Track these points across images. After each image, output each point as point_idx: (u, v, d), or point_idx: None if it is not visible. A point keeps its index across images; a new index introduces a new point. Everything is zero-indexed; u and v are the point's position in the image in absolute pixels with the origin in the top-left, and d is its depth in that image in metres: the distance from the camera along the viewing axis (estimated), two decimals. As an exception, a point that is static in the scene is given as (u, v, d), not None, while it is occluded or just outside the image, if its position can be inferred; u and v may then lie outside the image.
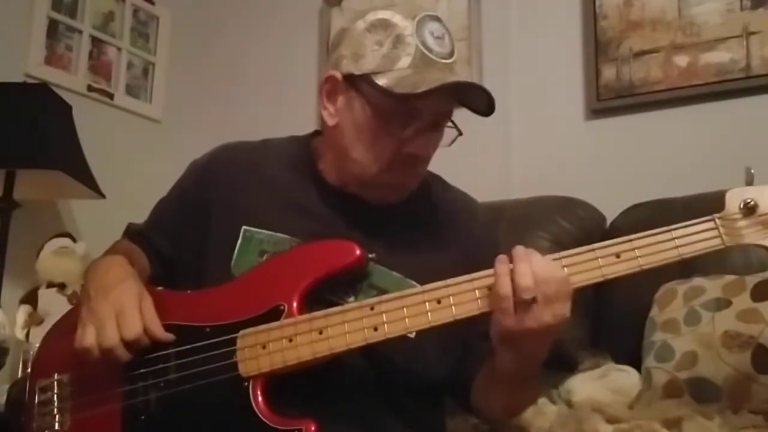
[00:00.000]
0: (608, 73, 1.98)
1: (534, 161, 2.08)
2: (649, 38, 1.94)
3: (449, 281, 0.91)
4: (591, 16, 2.03)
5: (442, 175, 1.23)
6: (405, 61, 0.98)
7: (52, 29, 2.39)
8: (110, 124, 2.54)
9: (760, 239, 0.86)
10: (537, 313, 0.84)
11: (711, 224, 0.87)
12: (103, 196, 2.14)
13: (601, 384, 1.38)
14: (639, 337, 1.45)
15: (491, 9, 2.22)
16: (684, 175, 1.76)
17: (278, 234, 1.07)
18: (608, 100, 1.98)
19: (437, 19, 1.02)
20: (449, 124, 1.05)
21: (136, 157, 2.55)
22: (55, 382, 1.06)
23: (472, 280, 0.90)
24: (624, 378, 1.39)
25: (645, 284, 1.52)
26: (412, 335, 0.94)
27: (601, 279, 0.87)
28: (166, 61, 2.78)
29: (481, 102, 1.01)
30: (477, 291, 0.89)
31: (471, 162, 2.10)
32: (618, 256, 0.87)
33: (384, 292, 0.98)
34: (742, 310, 1.31)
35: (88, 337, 0.97)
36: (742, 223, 0.86)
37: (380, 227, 1.07)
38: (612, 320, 1.62)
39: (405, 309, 0.91)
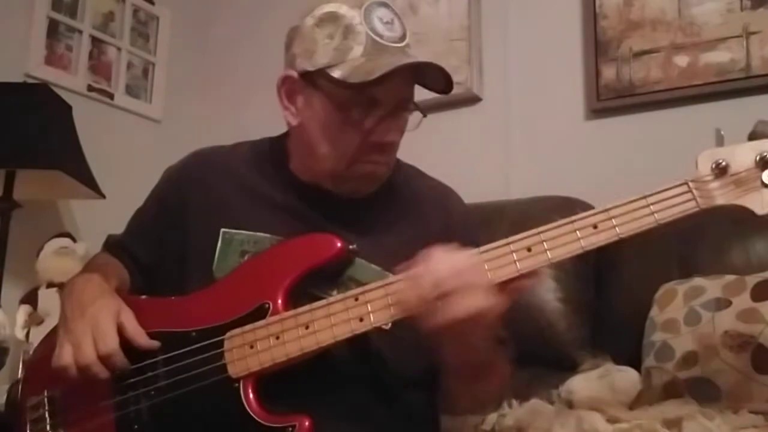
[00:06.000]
0: (608, 73, 1.98)
1: (534, 161, 2.08)
2: (649, 38, 1.94)
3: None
4: (591, 16, 2.03)
5: (442, 176, 1.23)
6: (357, 51, 0.99)
7: (52, 29, 2.39)
8: (110, 124, 2.53)
9: (733, 199, 0.86)
10: (455, 304, 0.83)
11: (684, 188, 0.88)
12: (103, 196, 2.14)
13: (601, 384, 1.38)
14: (639, 337, 1.45)
15: (491, 9, 2.22)
16: (684, 175, 1.76)
17: (258, 233, 1.07)
18: (608, 100, 1.98)
19: (384, 4, 1.02)
20: (412, 107, 1.05)
21: (136, 157, 2.55)
22: (46, 399, 1.06)
23: None
24: (624, 378, 1.39)
25: (645, 284, 1.52)
26: (387, 326, 0.94)
27: (581, 251, 0.88)
28: (166, 61, 2.78)
29: (439, 80, 1.01)
30: None
31: (471, 162, 2.11)
32: (595, 226, 0.88)
33: (364, 285, 0.97)
34: (742, 310, 1.31)
35: (65, 355, 0.97)
36: (715, 184, 0.87)
37: (357, 220, 1.08)
38: (612, 320, 1.63)
39: (389, 297, 0.91)
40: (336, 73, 0.99)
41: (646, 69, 1.93)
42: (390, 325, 0.94)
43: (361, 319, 0.91)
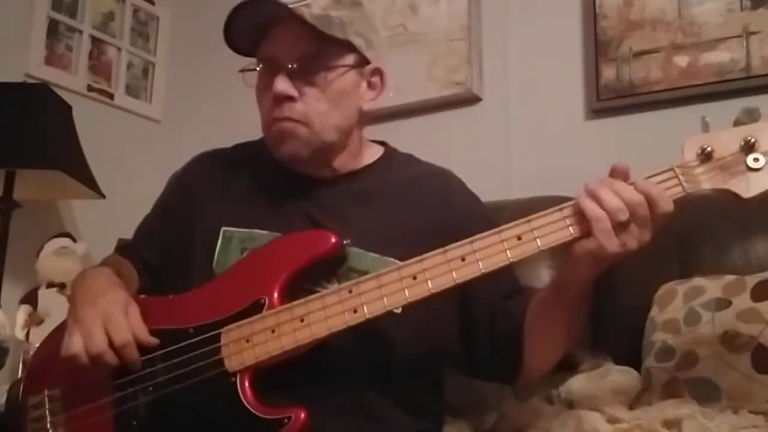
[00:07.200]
0: (608, 73, 1.98)
1: (534, 161, 2.08)
2: (649, 38, 1.94)
3: (423, 257, 0.92)
4: (591, 16, 2.03)
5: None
6: None
7: (52, 29, 2.39)
8: (110, 124, 2.54)
9: (719, 183, 0.87)
10: (637, 234, 0.86)
11: (671, 173, 0.89)
12: (103, 196, 2.14)
13: (601, 384, 1.37)
14: (639, 337, 1.45)
15: (491, 9, 2.21)
16: (684, 175, 1.76)
17: (256, 230, 1.09)
18: (608, 100, 1.98)
19: None
20: (315, 65, 1.07)
21: (136, 157, 2.55)
22: (46, 398, 1.06)
23: (445, 252, 0.92)
24: (624, 378, 1.39)
25: (645, 284, 1.52)
26: (399, 310, 0.95)
27: (570, 237, 0.93)
28: (166, 61, 2.78)
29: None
30: (450, 263, 0.91)
31: (471, 162, 2.10)
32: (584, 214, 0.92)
33: (364, 273, 0.99)
34: (742, 310, 1.31)
35: (75, 344, 0.97)
36: (700, 169, 0.88)
37: (350, 209, 1.09)
38: (612, 320, 1.62)
39: (382, 288, 0.92)
40: None
41: (646, 69, 1.93)
42: (401, 309, 0.94)
43: (355, 311, 0.93)
